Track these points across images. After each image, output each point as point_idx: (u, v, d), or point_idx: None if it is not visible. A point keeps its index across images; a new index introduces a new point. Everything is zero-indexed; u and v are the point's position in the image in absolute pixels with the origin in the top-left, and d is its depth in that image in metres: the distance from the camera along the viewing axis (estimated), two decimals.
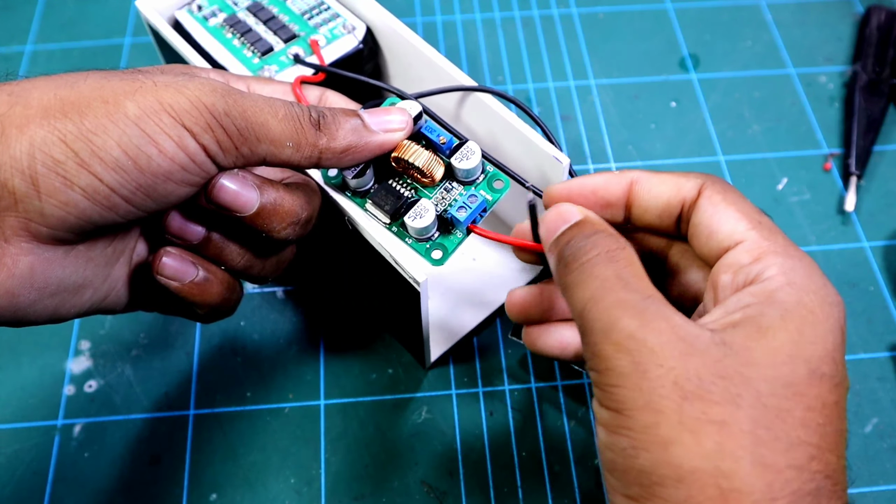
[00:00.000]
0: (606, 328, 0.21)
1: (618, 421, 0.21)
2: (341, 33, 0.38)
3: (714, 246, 0.25)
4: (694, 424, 0.20)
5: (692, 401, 0.20)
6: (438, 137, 0.30)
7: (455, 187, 0.30)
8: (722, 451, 0.19)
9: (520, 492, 0.35)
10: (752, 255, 0.23)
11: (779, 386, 0.20)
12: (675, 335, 0.21)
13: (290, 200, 0.27)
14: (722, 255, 0.24)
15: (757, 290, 0.22)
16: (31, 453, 0.36)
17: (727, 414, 0.20)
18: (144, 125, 0.23)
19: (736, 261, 0.24)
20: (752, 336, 0.21)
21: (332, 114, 0.27)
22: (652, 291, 0.22)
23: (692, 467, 0.19)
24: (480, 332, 0.40)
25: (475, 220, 0.29)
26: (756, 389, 0.20)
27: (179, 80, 0.24)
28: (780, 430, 0.20)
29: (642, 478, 0.20)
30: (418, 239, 0.29)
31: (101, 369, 0.39)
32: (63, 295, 0.25)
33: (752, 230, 0.24)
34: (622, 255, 0.23)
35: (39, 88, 0.23)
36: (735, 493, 0.19)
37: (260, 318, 0.41)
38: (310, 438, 0.37)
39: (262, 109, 0.25)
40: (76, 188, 0.22)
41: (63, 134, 0.22)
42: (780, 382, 0.20)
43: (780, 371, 0.21)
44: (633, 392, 0.20)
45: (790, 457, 0.20)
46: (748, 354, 0.21)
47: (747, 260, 0.23)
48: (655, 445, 0.20)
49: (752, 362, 0.21)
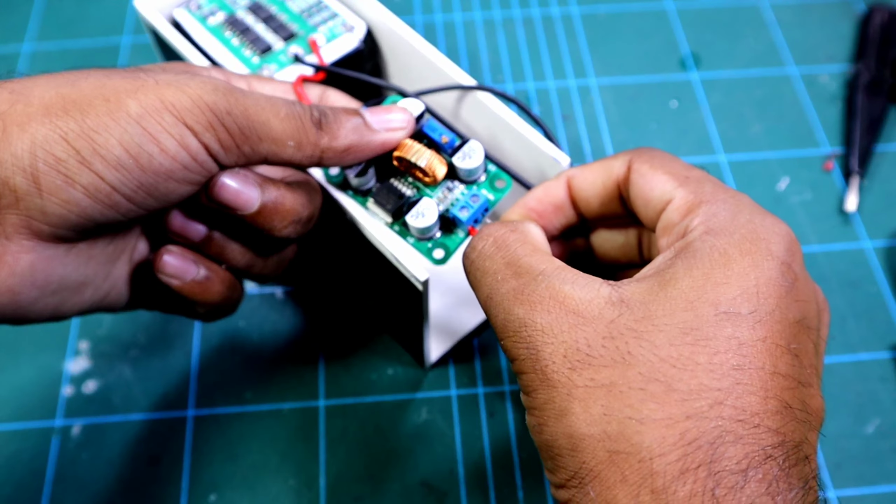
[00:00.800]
0: (504, 323, 0.22)
1: (527, 403, 0.22)
2: (341, 32, 0.38)
3: (651, 213, 0.25)
4: (583, 393, 0.20)
5: (580, 369, 0.20)
6: (441, 136, 0.29)
7: (457, 186, 0.30)
8: (609, 414, 0.19)
9: (520, 492, 0.35)
10: (681, 212, 0.23)
11: (677, 334, 0.20)
12: (564, 309, 0.21)
13: (292, 199, 0.27)
14: (658, 219, 0.25)
15: (679, 245, 0.22)
16: (29, 454, 0.36)
17: (616, 375, 0.20)
18: (146, 123, 0.23)
19: (669, 221, 0.24)
20: (653, 290, 0.21)
21: (333, 113, 0.27)
22: (545, 264, 0.22)
23: (582, 434, 0.20)
24: (480, 333, 0.40)
25: (477, 219, 0.29)
26: (651, 342, 0.20)
27: (181, 78, 0.24)
28: (676, 381, 0.19)
29: (548, 451, 0.21)
30: (420, 238, 0.29)
31: (99, 370, 0.39)
32: (64, 293, 0.25)
33: (679, 187, 0.24)
34: (512, 237, 0.24)
35: (41, 86, 0.23)
36: (622, 455, 0.19)
37: (260, 318, 0.40)
38: (309, 439, 0.37)
39: (264, 108, 0.25)
40: (78, 186, 0.22)
41: (65, 132, 0.22)
42: (679, 330, 0.20)
43: (677, 318, 0.20)
44: (532, 374, 0.21)
45: (688, 406, 0.19)
46: (644, 308, 0.20)
47: (677, 217, 0.23)
48: (552, 419, 0.21)
49: (648, 316, 0.20)
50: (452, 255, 0.29)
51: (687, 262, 0.21)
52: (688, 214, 0.23)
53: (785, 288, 0.21)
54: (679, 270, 0.21)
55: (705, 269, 0.21)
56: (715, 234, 0.22)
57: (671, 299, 0.20)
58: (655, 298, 0.21)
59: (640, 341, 0.20)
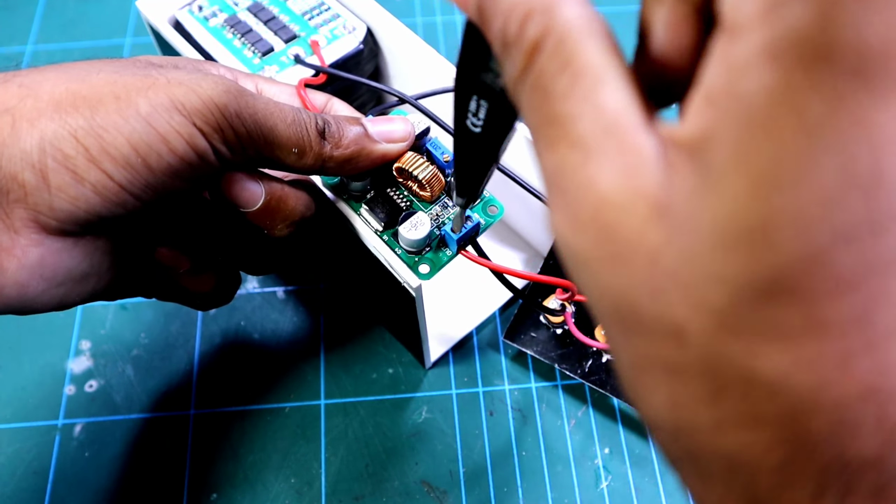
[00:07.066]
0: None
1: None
2: (342, 34, 0.38)
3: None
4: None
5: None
6: (442, 155, 0.30)
7: (451, 206, 0.30)
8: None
9: (520, 491, 0.35)
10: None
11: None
12: (598, 225, 0.14)
13: (294, 197, 0.28)
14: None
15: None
16: (31, 453, 0.36)
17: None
18: (155, 122, 0.23)
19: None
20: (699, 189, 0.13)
21: (336, 122, 0.27)
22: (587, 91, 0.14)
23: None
24: (480, 333, 0.40)
25: (466, 240, 0.29)
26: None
27: (193, 77, 0.24)
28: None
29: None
30: (408, 251, 0.29)
31: (101, 369, 0.39)
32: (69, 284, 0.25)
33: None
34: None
35: (51, 80, 0.23)
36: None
37: (260, 317, 0.41)
38: (310, 438, 0.37)
39: (272, 113, 0.25)
40: (86, 183, 0.22)
41: (74, 129, 0.22)
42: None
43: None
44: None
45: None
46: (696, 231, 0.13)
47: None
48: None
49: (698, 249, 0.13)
50: (438, 272, 0.29)
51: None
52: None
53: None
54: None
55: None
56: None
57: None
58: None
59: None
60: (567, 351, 0.38)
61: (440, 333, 0.39)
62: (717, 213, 0.12)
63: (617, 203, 0.13)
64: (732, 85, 0.12)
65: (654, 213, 0.13)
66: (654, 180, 0.13)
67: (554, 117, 0.14)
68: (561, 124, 0.14)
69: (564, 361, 0.37)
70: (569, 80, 0.14)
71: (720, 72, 0.12)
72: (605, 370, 0.37)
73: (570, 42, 0.14)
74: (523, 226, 0.42)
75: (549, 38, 0.14)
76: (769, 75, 0.11)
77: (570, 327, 0.34)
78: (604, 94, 0.14)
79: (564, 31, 0.14)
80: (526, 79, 0.15)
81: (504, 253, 0.42)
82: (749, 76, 0.11)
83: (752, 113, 0.11)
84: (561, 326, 0.38)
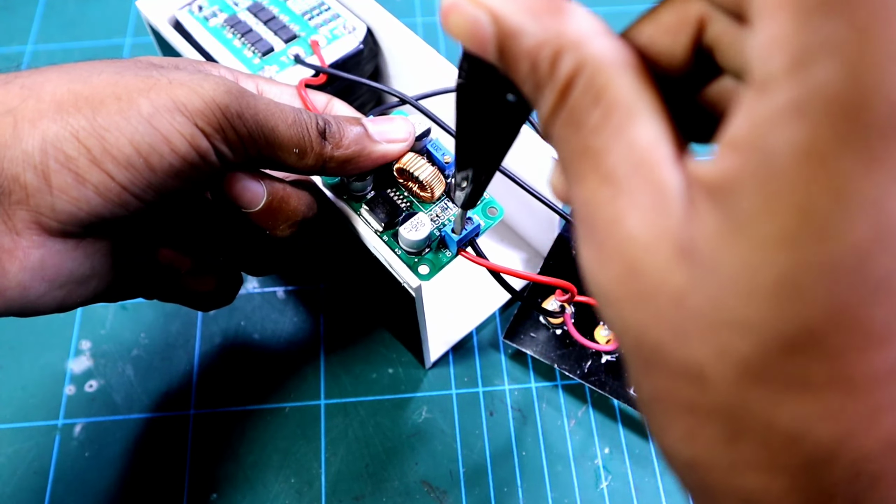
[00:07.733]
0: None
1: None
2: (342, 34, 0.38)
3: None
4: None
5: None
6: (443, 156, 0.30)
7: (451, 207, 0.30)
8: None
9: (520, 491, 0.35)
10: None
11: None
12: (624, 264, 0.14)
13: (296, 198, 0.28)
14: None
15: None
16: (31, 453, 0.36)
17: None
18: (157, 123, 0.23)
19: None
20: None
21: (336, 122, 0.27)
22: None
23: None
24: (480, 333, 0.40)
25: (466, 242, 0.29)
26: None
27: (195, 78, 0.24)
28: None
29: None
30: (408, 252, 0.29)
31: (101, 369, 0.39)
32: (71, 286, 0.25)
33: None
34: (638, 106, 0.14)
35: (52, 81, 0.23)
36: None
37: (260, 317, 0.41)
38: (310, 438, 0.37)
39: (273, 114, 0.25)
40: (88, 185, 0.22)
41: (76, 130, 0.22)
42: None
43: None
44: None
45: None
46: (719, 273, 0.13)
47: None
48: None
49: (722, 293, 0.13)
50: (437, 273, 0.29)
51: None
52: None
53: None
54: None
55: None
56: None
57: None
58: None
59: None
60: (567, 351, 0.38)
61: (440, 333, 0.39)
62: (744, 260, 0.12)
63: (642, 242, 0.13)
64: (761, 138, 0.12)
65: (678, 253, 0.13)
66: (678, 219, 0.13)
67: (585, 150, 0.14)
68: (592, 158, 0.14)
69: (564, 362, 0.37)
70: (601, 113, 0.14)
71: (748, 124, 0.12)
72: (604, 371, 0.37)
73: (604, 76, 0.14)
74: (523, 226, 0.42)
75: (581, 74, 0.14)
76: (798, 132, 0.11)
77: (570, 329, 0.34)
78: (635, 128, 0.14)
79: (596, 65, 0.14)
80: (559, 115, 0.15)
81: (504, 253, 0.42)
82: (777, 131, 0.11)
83: (780, 166, 0.11)
84: (560, 327, 0.38)
